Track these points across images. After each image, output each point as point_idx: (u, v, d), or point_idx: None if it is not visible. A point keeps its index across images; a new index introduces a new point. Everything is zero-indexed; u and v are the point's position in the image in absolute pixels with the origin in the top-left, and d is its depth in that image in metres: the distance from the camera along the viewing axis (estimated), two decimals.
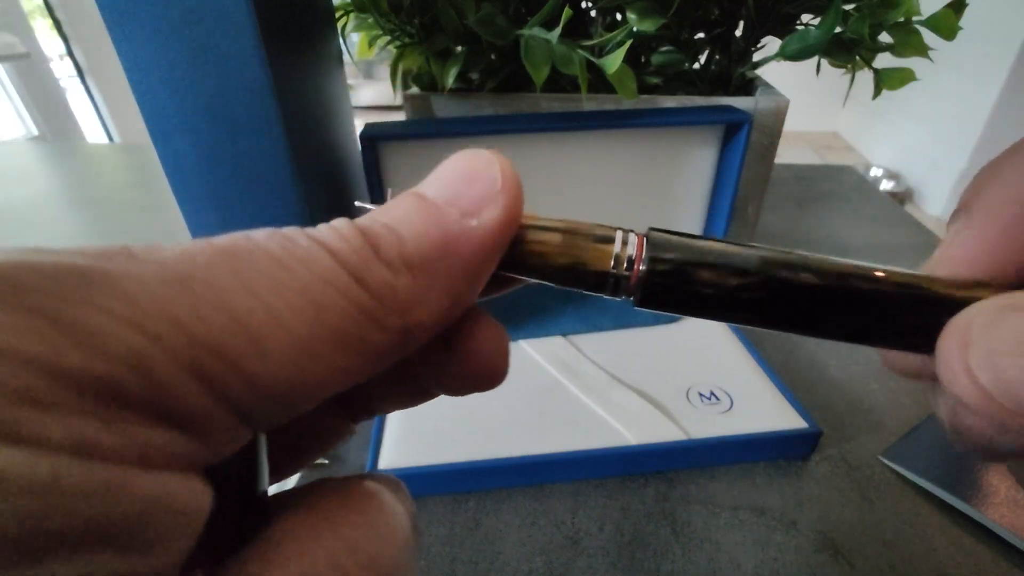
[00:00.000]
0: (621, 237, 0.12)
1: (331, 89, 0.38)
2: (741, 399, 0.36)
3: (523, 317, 0.43)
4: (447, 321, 0.11)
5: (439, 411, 0.35)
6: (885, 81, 0.39)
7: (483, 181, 0.11)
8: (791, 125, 0.43)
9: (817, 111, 2.59)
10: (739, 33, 0.42)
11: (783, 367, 0.40)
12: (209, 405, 0.08)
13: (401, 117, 0.41)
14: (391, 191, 0.12)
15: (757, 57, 0.43)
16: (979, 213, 0.12)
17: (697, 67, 0.44)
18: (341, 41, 0.41)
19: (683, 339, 0.41)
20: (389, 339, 0.09)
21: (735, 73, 0.43)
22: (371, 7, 0.37)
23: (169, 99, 0.28)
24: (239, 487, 0.10)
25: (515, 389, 0.37)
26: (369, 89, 2.53)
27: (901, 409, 0.37)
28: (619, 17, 0.42)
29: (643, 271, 0.12)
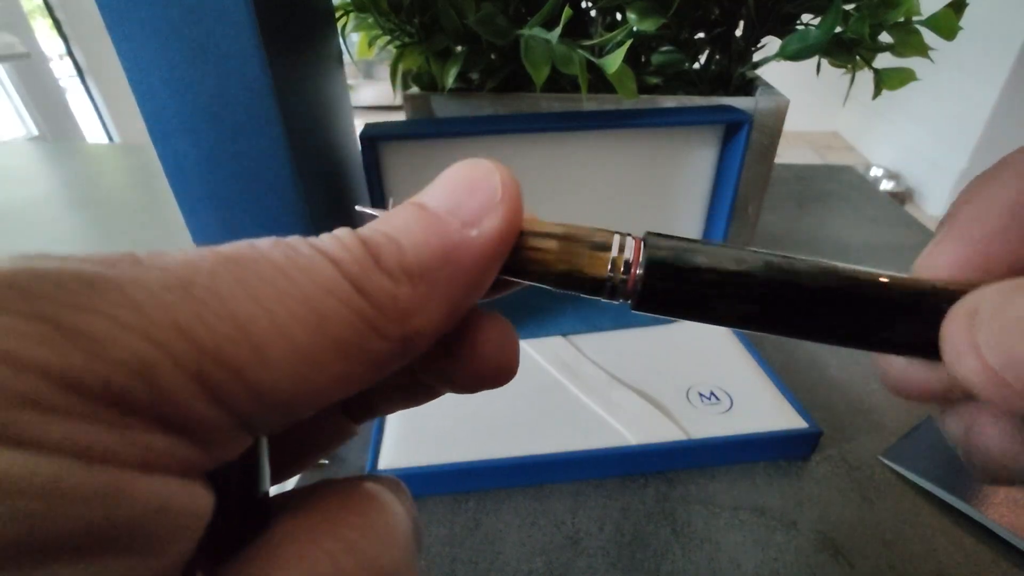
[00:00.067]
0: (619, 241, 0.12)
1: (331, 89, 0.38)
2: (741, 399, 0.36)
3: (523, 317, 0.43)
4: (446, 329, 0.11)
5: (439, 411, 0.35)
6: (885, 81, 0.39)
7: (483, 191, 0.11)
8: (791, 125, 0.43)
9: (817, 111, 2.59)
10: (739, 33, 0.42)
11: (783, 367, 0.40)
12: (211, 412, 0.08)
13: (401, 117, 0.41)
14: (392, 200, 0.12)
15: (757, 57, 0.43)
16: (961, 222, 0.12)
17: (697, 67, 0.44)
18: (341, 41, 0.41)
19: (683, 339, 0.41)
20: (390, 348, 0.10)
21: (735, 73, 0.43)
22: (371, 7, 0.37)
23: (169, 99, 0.28)
24: (240, 489, 0.10)
25: (515, 389, 0.36)
26: (369, 89, 2.53)
27: (901, 409, 0.37)
28: (619, 17, 0.42)
29: (640, 275, 0.12)
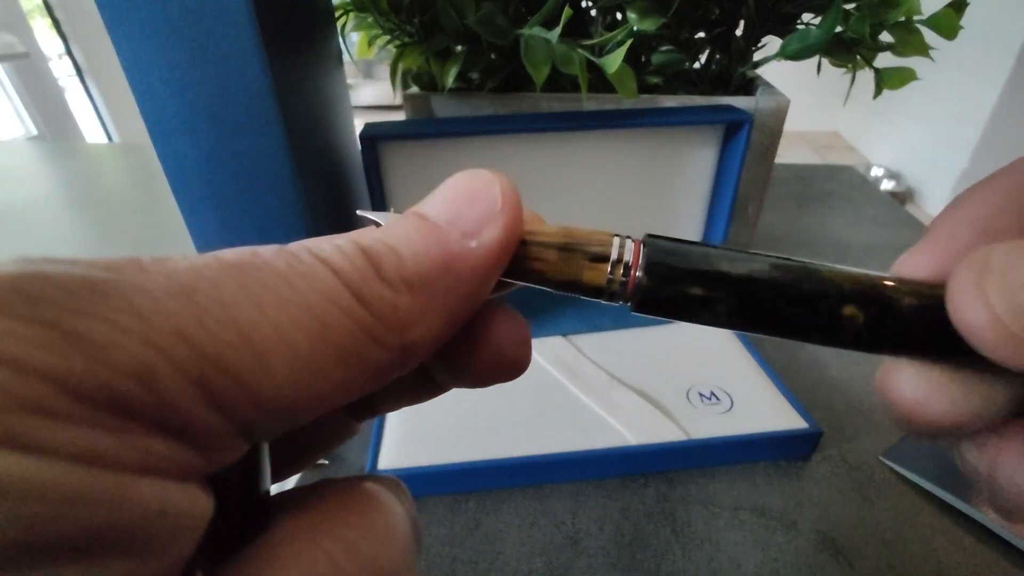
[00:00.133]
0: (618, 244, 0.12)
1: (331, 89, 0.38)
2: (741, 399, 0.36)
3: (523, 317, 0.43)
4: (446, 339, 0.11)
5: (439, 411, 0.35)
6: (886, 81, 0.39)
7: (484, 201, 0.11)
8: (791, 125, 0.43)
9: (817, 111, 2.59)
10: (739, 33, 0.42)
11: (783, 367, 0.40)
12: (211, 417, 0.08)
13: (401, 117, 0.41)
14: (392, 209, 0.12)
15: (757, 57, 0.43)
16: (934, 235, 0.12)
17: (697, 67, 0.44)
18: (341, 41, 0.41)
19: (683, 339, 0.41)
20: (389, 357, 0.10)
21: (735, 73, 0.43)
22: (371, 7, 0.37)
23: (169, 99, 0.28)
24: (240, 489, 0.10)
25: (515, 389, 0.36)
26: (369, 89, 2.53)
27: None
28: (619, 17, 0.42)
29: (639, 278, 0.12)
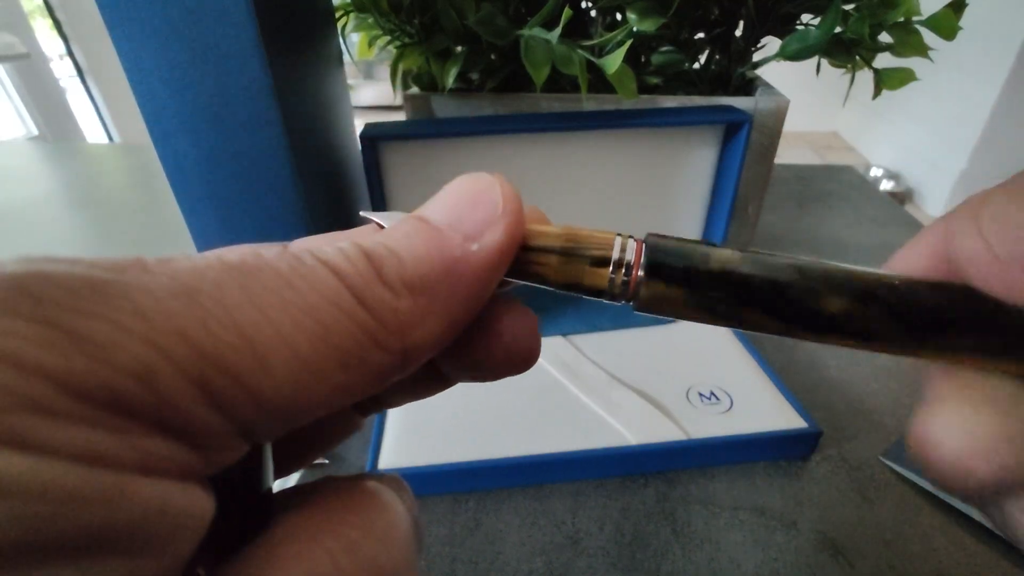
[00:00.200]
0: (620, 243, 0.12)
1: (331, 89, 0.38)
2: (741, 399, 0.36)
3: None
4: (447, 342, 0.11)
5: (439, 411, 0.35)
6: (885, 81, 0.39)
7: (485, 205, 0.11)
8: (791, 125, 0.43)
9: (817, 111, 2.59)
10: (739, 33, 0.42)
11: (783, 367, 0.40)
12: (211, 418, 0.08)
13: (401, 117, 0.41)
14: (398, 209, 0.12)
15: (757, 57, 0.43)
16: (905, 254, 0.13)
17: (697, 67, 0.44)
18: (341, 41, 0.41)
19: (683, 339, 0.41)
20: (391, 360, 0.10)
21: (735, 73, 0.43)
22: (371, 7, 0.37)
23: (169, 99, 0.28)
24: (242, 487, 0.10)
25: (515, 389, 0.37)
26: (369, 89, 2.53)
27: (901, 409, 0.37)
28: (619, 17, 0.42)
29: (641, 277, 0.12)
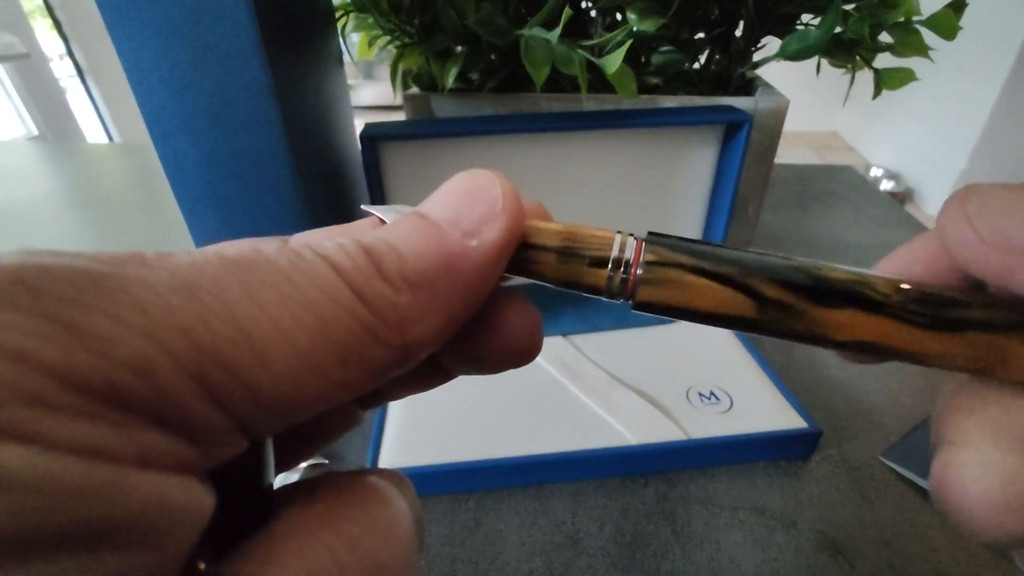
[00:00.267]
0: (619, 242, 0.12)
1: (331, 89, 0.38)
2: (741, 399, 0.36)
3: None
4: (447, 338, 0.11)
5: (439, 411, 0.35)
6: (885, 81, 0.39)
7: (484, 201, 0.11)
8: (791, 125, 0.43)
9: (817, 111, 2.59)
10: (739, 33, 0.42)
11: (783, 367, 0.40)
12: (210, 413, 0.08)
13: (401, 117, 0.41)
14: (400, 204, 0.12)
15: (757, 57, 0.43)
16: (884, 265, 0.13)
17: (697, 67, 0.44)
18: (341, 41, 0.41)
19: (683, 339, 0.41)
20: (390, 355, 0.10)
21: (735, 73, 0.43)
22: (371, 7, 0.37)
23: (169, 99, 0.28)
24: (243, 482, 0.10)
25: (515, 389, 0.37)
26: (369, 89, 2.53)
27: (901, 409, 0.37)
28: (619, 17, 0.42)
29: (640, 276, 0.12)
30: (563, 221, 0.13)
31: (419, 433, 0.34)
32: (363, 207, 0.13)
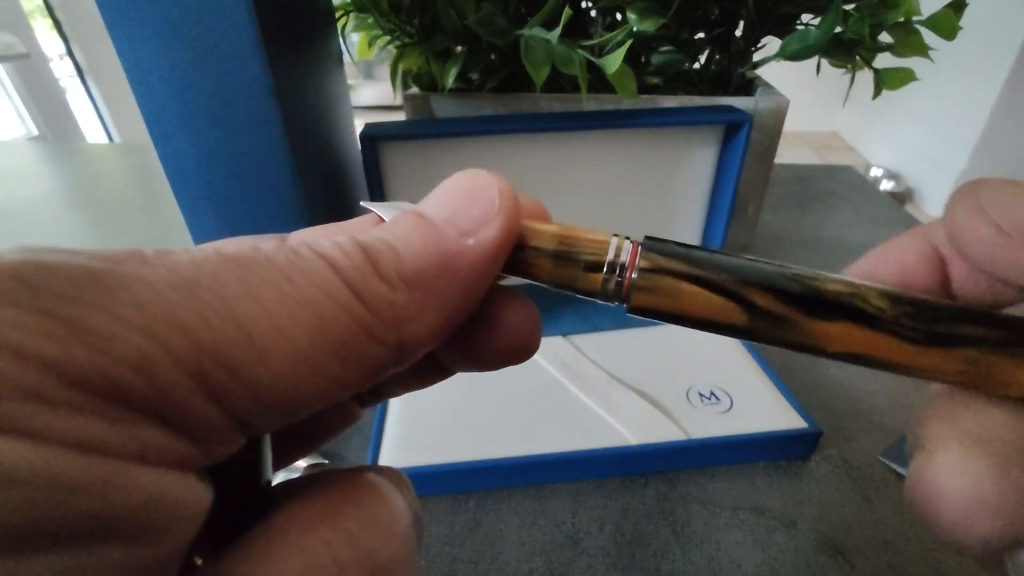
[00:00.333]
0: (615, 245, 0.12)
1: (331, 89, 0.38)
2: (741, 399, 0.36)
3: None
4: (443, 337, 0.11)
5: (439, 411, 0.35)
6: (885, 81, 0.39)
7: (482, 201, 0.11)
8: (791, 125, 0.43)
9: (817, 111, 2.59)
10: (739, 33, 0.42)
11: (783, 367, 0.40)
12: (208, 410, 0.08)
13: (401, 117, 0.41)
14: (401, 201, 0.12)
15: (757, 57, 0.43)
16: (862, 265, 0.13)
17: (697, 67, 0.44)
18: (341, 41, 0.41)
19: (683, 339, 0.41)
20: (387, 353, 0.10)
21: (735, 73, 0.43)
22: (371, 7, 0.37)
23: (169, 99, 0.28)
24: (242, 477, 0.10)
25: (515, 389, 0.37)
26: (369, 89, 2.54)
27: (901, 409, 0.37)
28: (619, 17, 0.42)
29: (634, 281, 0.12)
30: (561, 222, 0.13)
31: (419, 433, 0.34)
32: (362, 204, 0.13)
